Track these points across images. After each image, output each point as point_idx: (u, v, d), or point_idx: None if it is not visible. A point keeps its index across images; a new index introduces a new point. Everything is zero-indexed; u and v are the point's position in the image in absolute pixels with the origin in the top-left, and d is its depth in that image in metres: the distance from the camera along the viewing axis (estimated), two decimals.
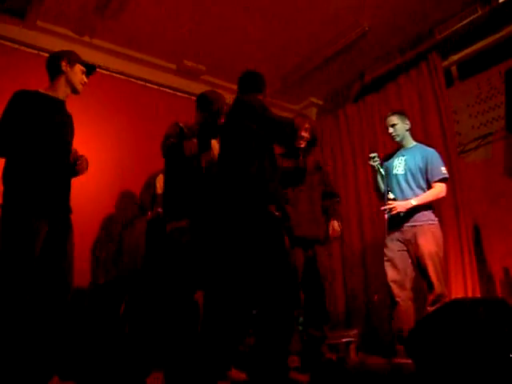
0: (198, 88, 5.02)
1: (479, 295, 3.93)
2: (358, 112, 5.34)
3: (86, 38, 4.35)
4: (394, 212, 3.33)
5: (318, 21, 4.40)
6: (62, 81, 2.66)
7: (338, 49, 4.80)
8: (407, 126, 3.59)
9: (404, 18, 4.40)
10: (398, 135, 3.56)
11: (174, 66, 4.89)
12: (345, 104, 5.48)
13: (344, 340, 3.80)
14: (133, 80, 4.64)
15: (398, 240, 3.38)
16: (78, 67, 2.69)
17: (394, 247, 3.40)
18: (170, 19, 4.25)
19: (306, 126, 3.56)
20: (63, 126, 2.63)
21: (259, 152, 2.58)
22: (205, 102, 3.20)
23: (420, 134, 4.51)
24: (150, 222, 3.56)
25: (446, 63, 4.69)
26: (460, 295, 3.97)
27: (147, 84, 4.72)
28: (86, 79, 2.73)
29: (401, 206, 3.33)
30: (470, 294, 3.94)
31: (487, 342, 1.93)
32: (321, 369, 3.04)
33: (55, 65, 2.65)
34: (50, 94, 2.63)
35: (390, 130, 3.59)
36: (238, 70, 5.03)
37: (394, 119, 3.57)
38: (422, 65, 4.69)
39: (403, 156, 3.54)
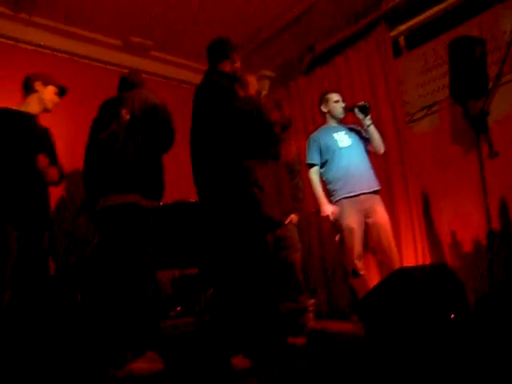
0: (147, 64, 4.94)
1: (429, 258, 4.12)
2: (308, 84, 5.36)
3: (24, 15, 4.14)
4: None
5: None
6: (34, 98, 3.05)
7: (288, 21, 4.80)
8: None
9: None
10: (343, 110, 3.79)
11: (119, 43, 4.74)
12: (296, 76, 5.49)
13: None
14: (76, 58, 4.46)
15: (357, 209, 3.49)
16: (52, 88, 3.10)
17: (355, 218, 3.48)
18: None
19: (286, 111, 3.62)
20: (32, 139, 2.89)
21: (226, 135, 2.60)
22: None
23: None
24: None
25: (393, 33, 4.75)
26: (411, 259, 4.14)
27: (92, 62, 4.55)
28: (57, 99, 3.16)
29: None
30: (420, 258, 4.12)
31: (429, 305, 2.04)
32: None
33: (30, 84, 3.04)
34: (23, 109, 2.98)
35: (340, 104, 3.78)
36: (188, 44, 5.02)
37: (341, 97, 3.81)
38: (369, 36, 4.74)
39: (342, 130, 3.76)
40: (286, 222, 3.46)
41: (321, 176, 3.75)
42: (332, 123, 3.83)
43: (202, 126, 2.66)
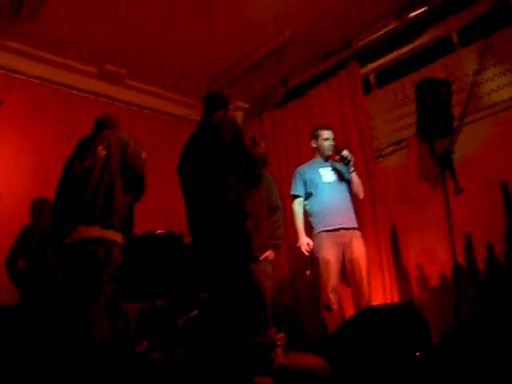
0: (121, 92, 4.95)
1: (396, 291, 4.18)
2: (282, 117, 5.47)
3: None
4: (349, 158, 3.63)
5: (242, 27, 4.45)
6: None
7: (262, 55, 4.89)
8: None
9: (324, 28, 4.56)
10: (330, 149, 3.84)
11: (95, 70, 4.74)
12: (270, 108, 5.59)
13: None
14: (51, 85, 4.43)
15: (334, 244, 3.52)
16: None
17: (332, 251, 3.51)
18: (90, 21, 4.11)
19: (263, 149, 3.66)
20: None
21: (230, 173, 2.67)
22: None
23: (340, 139, 4.71)
24: None
25: (364, 71, 4.91)
26: (379, 293, 4.19)
27: (65, 89, 4.53)
28: None
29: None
30: (388, 291, 4.18)
31: (394, 343, 2.06)
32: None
33: None
34: None
35: (329, 142, 3.83)
36: (162, 73, 5.07)
37: (332, 133, 3.87)
38: (341, 73, 4.89)
39: (329, 167, 3.81)
40: (261, 258, 3.48)
41: (305, 209, 3.80)
42: (319, 158, 3.89)
43: (208, 158, 2.71)
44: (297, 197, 3.81)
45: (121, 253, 2.54)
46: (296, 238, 3.76)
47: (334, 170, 3.79)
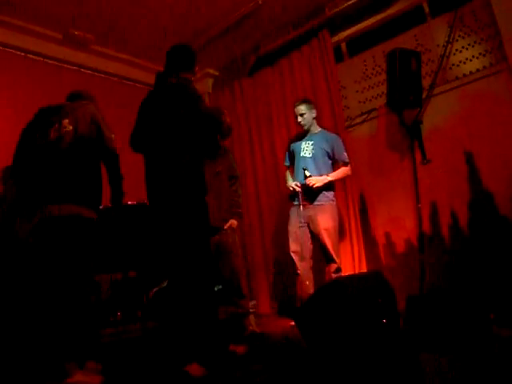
0: (87, 58, 4.78)
1: (364, 259, 4.31)
2: (252, 85, 5.42)
3: None
4: (315, 186, 3.67)
5: None
6: None
7: (234, 21, 4.80)
8: (314, 114, 3.95)
9: None
10: (305, 124, 3.92)
11: (59, 36, 4.54)
12: (240, 76, 5.52)
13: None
14: (12, 51, 4.23)
15: (300, 216, 3.75)
16: None
17: (295, 223, 3.80)
18: None
19: (228, 120, 3.63)
20: None
21: (191, 142, 2.57)
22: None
23: None
24: None
25: (336, 39, 4.89)
26: (348, 260, 4.31)
27: (29, 55, 4.34)
28: None
29: (319, 180, 3.70)
30: (356, 259, 4.31)
31: (363, 313, 2.15)
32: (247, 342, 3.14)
33: None
34: None
35: (299, 118, 3.93)
36: (130, 39, 4.91)
37: (303, 108, 3.91)
38: (313, 41, 4.85)
39: (311, 141, 3.90)
40: (226, 227, 3.52)
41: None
42: (304, 130, 4.00)
43: (164, 127, 2.58)
44: (285, 168, 4.10)
45: (93, 229, 2.52)
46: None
47: (319, 143, 3.87)
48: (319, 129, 4.02)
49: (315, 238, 3.77)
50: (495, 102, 3.80)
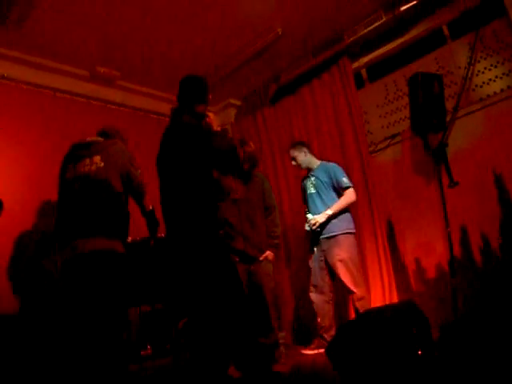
0: (114, 94, 4.92)
1: (395, 286, 4.22)
2: (275, 113, 5.46)
3: None
4: (316, 226, 3.79)
5: (234, 25, 4.43)
6: None
7: (254, 52, 4.88)
8: (306, 151, 4.08)
9: (315, 24, 4.55)
10: (301, 165, 4.09)
11: (86, 73, 4.70)
12: (262, 106, 5.57)
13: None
14: (41, 90, 4.37)
15: (318, 251, 3.90)
16: None
17: (313, 258, 3.96)
18: (80, 24, 4.04)
19: (249, 149, 3.67)
20: None
21: (201, 177, 2.57)
22: None
23: (335, 135, 4.74)
24: None
25: (356, 65, 4.92)
26: (378, 287, 4.23)
27: (57, 93, 4.47)
28: None
29: (320, 217, 3.79)
30: (386, 286, 4.21)
31: (398, 344, 2.10)
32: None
33: None
34: None
35: (293, 163, 4.12)
36: (155, 73, 5.04)
37: (293, 152, 4.09)
38: (333, 68, 4.89)
39: (313, 177, 4.03)
40: (261, 259, 3.51)
41: None
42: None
43: (176, 165, 2.59)
44: (305, 206, 4.16)
45: (124, 262, 2.56)
46: None
47: (318, 178, 3.99)
48: (318, 162, 4.11)
49: (332, 270, 3.82)
50: None
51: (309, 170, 4.08)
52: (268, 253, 3.57)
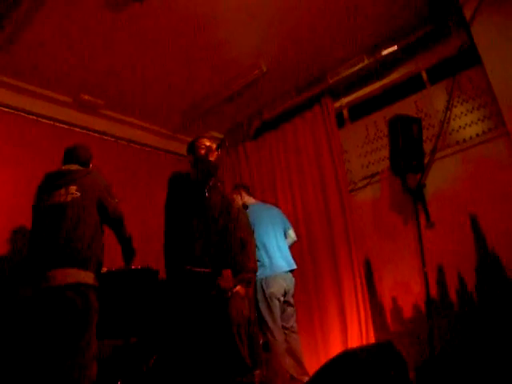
0: (96, 123, 4.90)
1: (371, 324, 4.20)
2: (257, 148, 5.51)
3: None
4: None
5: (219, 60, 4.49)
6: None
7: (239, 87, 4.93)
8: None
9: (299, 63, 4.65)
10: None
11: (69, 100, 4.68)
12: (245, 140, 5.63)
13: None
14: (23, 114, 4.34)
15: None
16: None
17: None
18: (66, 51, 4.05)
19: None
20: None
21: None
22: None
23: (315, 173, 4.80)
24: None
25: (337, 105, 5.04)
26: (355, 326, 4.21)
27: (39, 119, 4.44)
28: None
29: None
30: (363, 324, 4.19)
31: None
32: None
33: None
34: None
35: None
36: (138, 104, 5.06)
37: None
38: (315, 107, 5.00)
39: None
40: (229, 295, 3.41)
41: None
42: None
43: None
44: None
45: (96, 296, 2.51)
46: None
47: None
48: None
49: None
50: (497, 165, 3.84)
51: None
52: (238, 288, 3.47)
